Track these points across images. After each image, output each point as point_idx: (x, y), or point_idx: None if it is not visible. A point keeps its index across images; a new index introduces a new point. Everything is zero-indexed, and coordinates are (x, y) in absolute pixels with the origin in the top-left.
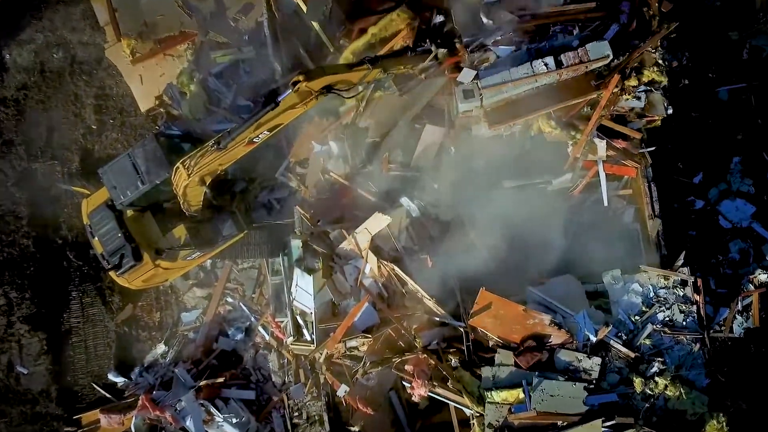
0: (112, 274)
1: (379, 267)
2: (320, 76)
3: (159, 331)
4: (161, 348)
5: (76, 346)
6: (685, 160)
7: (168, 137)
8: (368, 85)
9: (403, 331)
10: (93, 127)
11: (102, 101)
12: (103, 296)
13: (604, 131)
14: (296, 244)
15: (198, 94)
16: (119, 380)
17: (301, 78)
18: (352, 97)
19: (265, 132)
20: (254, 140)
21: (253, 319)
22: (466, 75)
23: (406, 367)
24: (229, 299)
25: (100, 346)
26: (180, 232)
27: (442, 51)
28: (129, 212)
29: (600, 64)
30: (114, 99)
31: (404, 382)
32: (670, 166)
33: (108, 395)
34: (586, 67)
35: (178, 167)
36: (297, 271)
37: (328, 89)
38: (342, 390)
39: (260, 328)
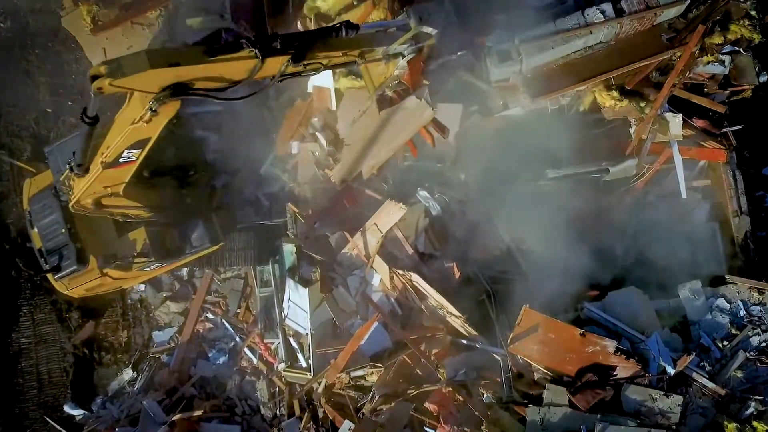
0: (49, 276)
1: (391, 277)
2: (138, 70)
3: (126, 353)
4: (128, 374)
5: (26, 372)
6: (752, 147)
7: None
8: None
9: (422, 359)
10: (48, 110)
11: (58, 80)
12: (59, 312)
13: (676, 105)
14: (289, 249)
15: None
16: (77, 413)
17: (101, 71)
18: (241, 98)
19: (132, 151)
20: (123, 161)
21: (238, 339)
22: (499, 36)
23: (428, 405)
24: (210, 315)
25: (54, 372)
26: (139, 235)
27: (425, 33)
28: None
29: (673, 11)
30: (73, 77)
31: (426, 428)
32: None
33: (63, 431)
34: (655, 15)
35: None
36: (290, 283)
37: (180, 90)
38: (345, 427)
39: (246, 351)
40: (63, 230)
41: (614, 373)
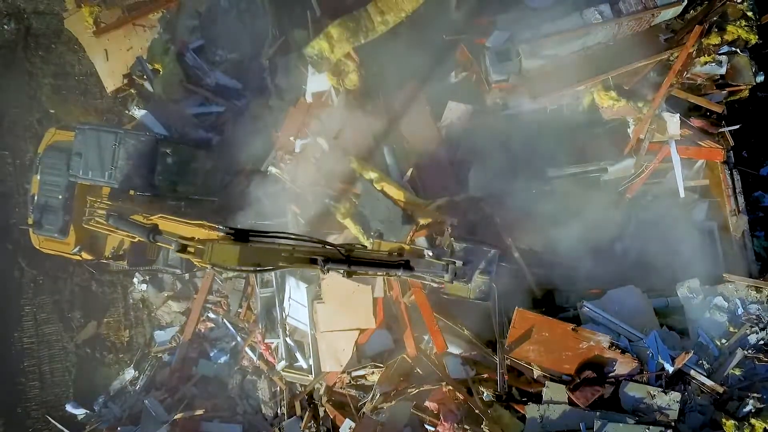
0: (30, 228)
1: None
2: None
3: (127, 352)
4: (130, 373)
5: (29, 371)
6: (750, 148)
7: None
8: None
9: (422, 357)
10: (50, 111)
11: (61, 81)
12: (61, 311)
13: (674, 106)
14: None
15: (173, 71)
16: (79, 412)
17: None
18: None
19: None
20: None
21: (239, 338)
22: (498, 37)
23: (428, 403)
24: (211, 315)
25: (57, 371)
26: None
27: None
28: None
29: (670, 12)
30: (75, 78)
31: (427, 426)
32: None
33: (65, 430)
34: (652, 15)
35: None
36: (291, 281)
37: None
38: (346, 426)
39: (247, 350)
40: (60, 197)
41: (612, 370)
